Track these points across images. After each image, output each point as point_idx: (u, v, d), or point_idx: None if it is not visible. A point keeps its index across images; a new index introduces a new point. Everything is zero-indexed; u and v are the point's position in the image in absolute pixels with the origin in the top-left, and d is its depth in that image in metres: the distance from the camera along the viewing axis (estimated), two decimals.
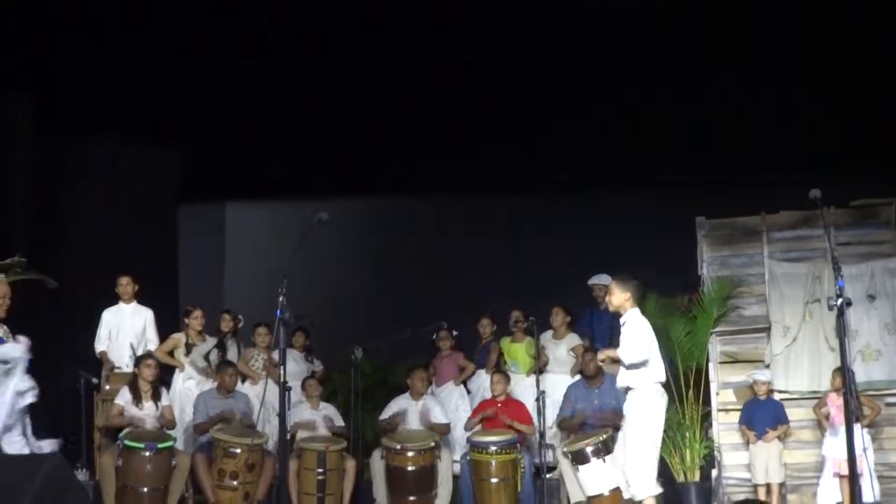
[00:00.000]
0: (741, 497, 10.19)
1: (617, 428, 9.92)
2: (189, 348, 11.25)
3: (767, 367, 10.49)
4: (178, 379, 11.21)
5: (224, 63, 12.40)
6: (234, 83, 12.70)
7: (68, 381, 10.82)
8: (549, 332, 11.59)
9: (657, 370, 8.21)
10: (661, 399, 8.20)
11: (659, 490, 8.22)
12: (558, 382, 11.10)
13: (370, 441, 11.38)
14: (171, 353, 11.26)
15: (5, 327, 8.13)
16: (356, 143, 13.34)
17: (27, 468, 6.80)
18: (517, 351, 11.61)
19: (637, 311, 8.28)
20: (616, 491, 9.58)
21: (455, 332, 11.93)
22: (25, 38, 11.75)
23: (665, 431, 10.22)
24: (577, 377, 10.87)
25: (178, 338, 11.33)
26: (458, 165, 13.63)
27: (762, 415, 10.22)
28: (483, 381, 11.63)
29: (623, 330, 8.26)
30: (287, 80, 12.73)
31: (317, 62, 12.58)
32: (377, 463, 10.64)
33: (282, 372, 8.12)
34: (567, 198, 14.04)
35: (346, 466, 10.56)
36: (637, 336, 8.13)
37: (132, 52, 12.06)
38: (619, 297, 8.29)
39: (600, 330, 11.55)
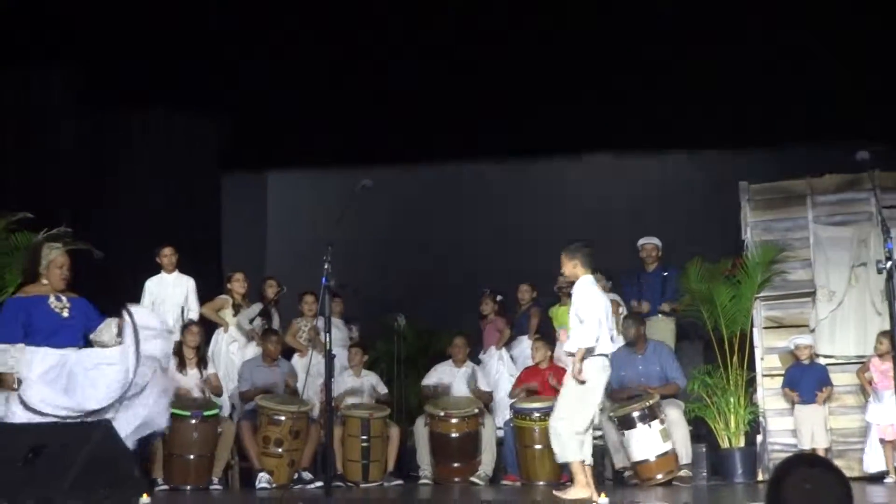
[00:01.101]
0: None
1: (663, 395, 9.96)
2: (237, 309, 11.31)
3: (812, 331, 10.42)
4: (221, 342, 11.27)
5: (267, 32, 12.41)
6: (276, 52, 12.70)
7: None
8: None
9: (605, 341, 8.16)
10: (602, 373, 8.16)
11: (582, 458, 8.09)
12: None
13: (413, 408, 11.41)
14: (217, 313, 11.34)
15: (65, 298, 8.13)
16: (399, 110, 13.32)
17: (78, 435, 6.85)
18: (563, 315, 11.57)
19: (588, 277, 8.28)
20: (663, 456, 9.61)
21: (499, 297, 11.92)
22: (68, 10, 11.79)
23: (709, 397, 10.36)
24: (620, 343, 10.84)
25: (226, 299, 11.40)
26: (498, 132, 13.60)
27: (807, 379, 10.15)
28: (525, 348, 11.63)
29: (573, 295, 8.27)
30: (329, 49, 12.73)
31: (357, 30, 12.57)
32: (421, 430, 10.66)
33: (327, 339, 8.15)
34: (611, 163, 13.98)
35: (391, 433, 10.60)
36: (589, 304, 8.12)
37: (175, 22, 12.08)
38: (567, 266, 8.34)
39: (648, 291, 11.53)
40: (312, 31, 12.54)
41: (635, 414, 9.70)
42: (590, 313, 8.08)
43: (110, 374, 7.89)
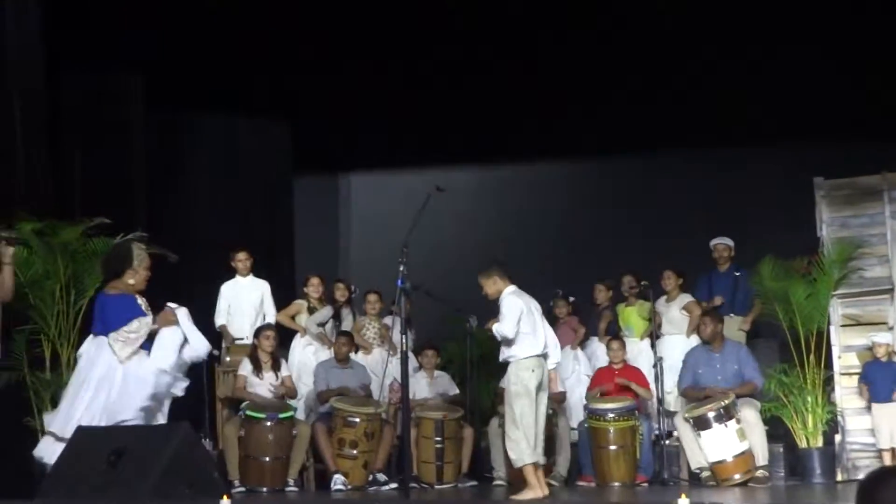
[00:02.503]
0: (866, 462, 10.00)
1: (739, 394, 9.88)
2: (312, 313, 11.38)
3: (891, 329, 10.27)
4: (296, 346, 11.34)
5: (338, 33, 12.47)
6: (347, 54, 12.77)
7: None
8: (663, 297, 11.51)
9: (531, 345, 8.66)
10: (532, 373, 8.61)
11: (534, 459, 8.61)
12: (674, 344, 11.05)
13: (486, 409, 11.39)
14: (293, 318, 11.40)
15: (144, 299, 8.24)
16: (472, 112, 13.35)
17: (160, 438, 6.94)
18: (629, 315, 11.53)
19: (511, 288, 8.81)
20: (740, 456, 9.54)
21: (572, 299, 11.88)
22: (139, 17, 11.93)
23: (786, 396, 10.24)
24: (695, 341, 10.77)
25: (301, 304, 11.46)
26: (569, 132, 13.59)
27: (883, 377, 9.96)
28: (596, 348, 11.60)
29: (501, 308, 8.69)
30: (401, 51, 12.78)
31: (430, 31, 12.61)
32: (495, 430, 10.61)
33: (404, 340, 8.17)
34: (684, 162, 13.90)
35: (464, 434, 10.59)
36: (506, 314, 8.63)
37: (244, 25, 12.19)
38: (489, 286, 8.82)
39: (720, 291, 11.45)
40: (385, 33, 12.59)
41: (711, 414, 9.64)
42: (505, 317, 8.62)
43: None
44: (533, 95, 13.25)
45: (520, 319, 8.64)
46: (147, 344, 8.13)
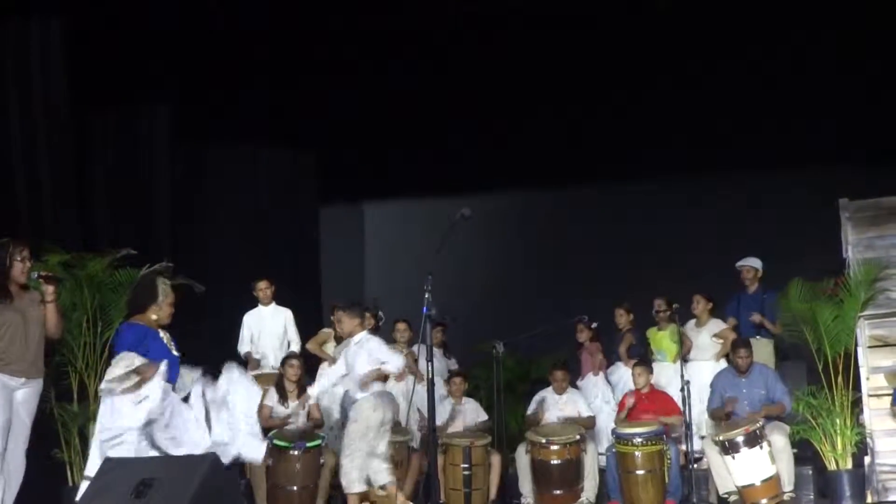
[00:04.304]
0: None
1: (769, 416, 9.83)
2: (339, 342, 11.38)
3: None
4: (325, 376, 11.32)
5: (362, 65, 12.55)
6: (370, 83, 12.84)
7: None
8: (692, 321, 11.48)
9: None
10: (374, 413, 9.20)
11: (360, 489, 9.13)
12: (703, 370, 11.01)
13: (514, 435, 11.37)
14: (321, 346, 11.42)
15: (168, 333, 8.22)
16: (495, 139, 13.40)
17: (187, 468, 6.93)
18: (662, 339, 11.51)
19: (364, 333, 9.45)
20: (768, 480, 9.48)
21: (594, 325, 11.86)
22: (164, 48, 12.03)
23: (815, 419, 10.18)
24: (724, 365, 10.74)
25: (329, 332, 11.46)
26: (593, 159, 13.62)
27: None
28: (623, 373, 11.56)
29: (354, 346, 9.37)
30: (423, 78, 12.84)
31: (451, 58, 12.67)
32: (522, 457, 10.62)
33: (429, 368, 8.17)
34: (709, 184, 13.88)
35: (492, 461, 10.56)
36: (352, 353, 9.35)
37: (270, 56, 12.27)
38: (349, 324, 9.49)
39: (747, 313, 11.43)
40: (408, 65, 12.66)
41: (740, 438, 9.58)
42: (339, 364, 9.60)
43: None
44: (558, 121, 13.29)
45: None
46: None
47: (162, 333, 8.04)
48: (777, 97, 12.67)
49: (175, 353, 7.95)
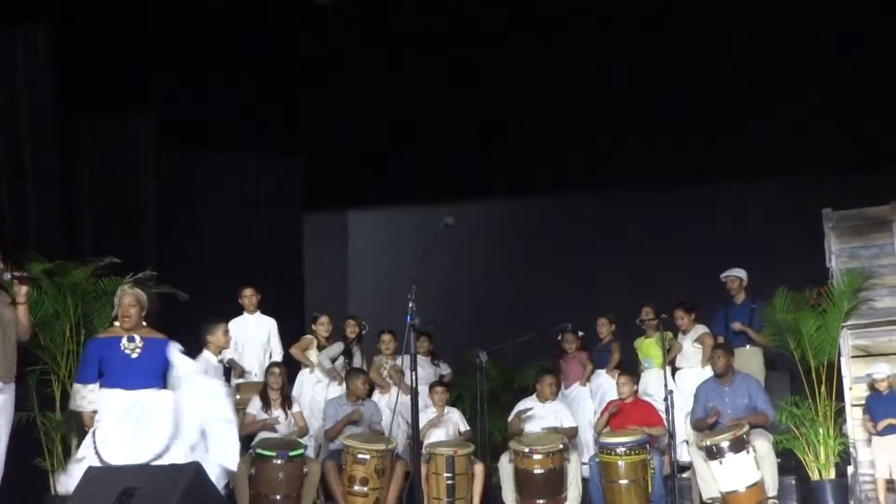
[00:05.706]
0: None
1: (752, 424, 9.85)
2: (321, 350, 11.39)
3: None
4: (305, 382, 11.35)
5: (347, 73, 12.56)
6: (355, 90, 12.86)
7: None
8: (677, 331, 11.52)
9: None
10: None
11: None
12: (687, 376, 11.10)
13: (498, 444, 11.36)
14: (303, 352, 11.43)
15: (138, 339, 8.23)
16: (481, 145, 13.43)
17: (170, 477, 6.92)
18: (649, 346, 11.52)
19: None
20: (753, 486, 9.50)
21: (581, 333, 11.88)
22: (148, 58, 12.03)
23: (797, 428, 10.20)
24: (708, 375, 10.75)
25: (311, 339, 11.50)
26: (575, 166, 13.64)
27: (884, 409, 9.83)
28: (603, 382, 11.60)
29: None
30: (406, 86, 12.86)
31: (436, 63, 12.70)
32: (505, 466, 10.61)
33: (413, 377, 8.16)
34: (689, 193, 13.90)
35: (475, 470, 10.53)
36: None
37: (253, 64, 12.27)
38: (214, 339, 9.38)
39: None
40: (394, 69, 12.68)
41: (725, 444, 9.60)
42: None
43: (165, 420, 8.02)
44: (542, 129, 13.31)
45: None
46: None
47: (125, 340, 8.09)
48: (761, 107, 12.70)
49: (135, 357, 8.04)
